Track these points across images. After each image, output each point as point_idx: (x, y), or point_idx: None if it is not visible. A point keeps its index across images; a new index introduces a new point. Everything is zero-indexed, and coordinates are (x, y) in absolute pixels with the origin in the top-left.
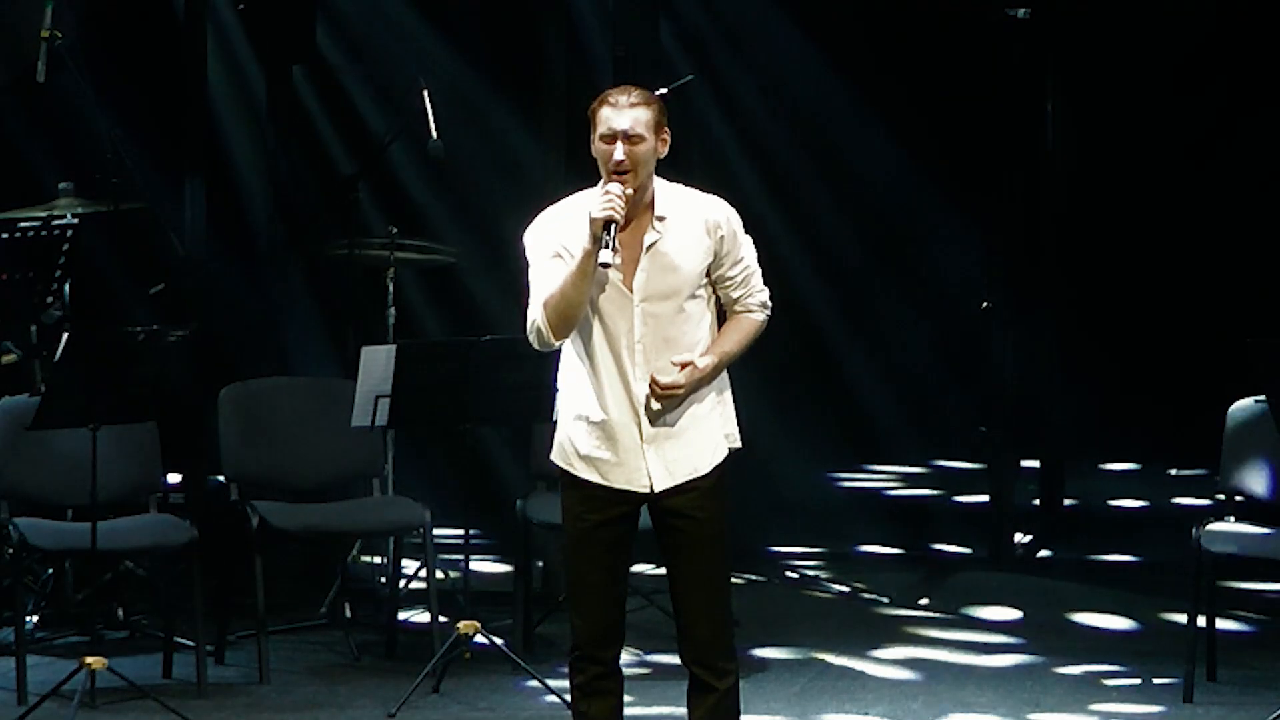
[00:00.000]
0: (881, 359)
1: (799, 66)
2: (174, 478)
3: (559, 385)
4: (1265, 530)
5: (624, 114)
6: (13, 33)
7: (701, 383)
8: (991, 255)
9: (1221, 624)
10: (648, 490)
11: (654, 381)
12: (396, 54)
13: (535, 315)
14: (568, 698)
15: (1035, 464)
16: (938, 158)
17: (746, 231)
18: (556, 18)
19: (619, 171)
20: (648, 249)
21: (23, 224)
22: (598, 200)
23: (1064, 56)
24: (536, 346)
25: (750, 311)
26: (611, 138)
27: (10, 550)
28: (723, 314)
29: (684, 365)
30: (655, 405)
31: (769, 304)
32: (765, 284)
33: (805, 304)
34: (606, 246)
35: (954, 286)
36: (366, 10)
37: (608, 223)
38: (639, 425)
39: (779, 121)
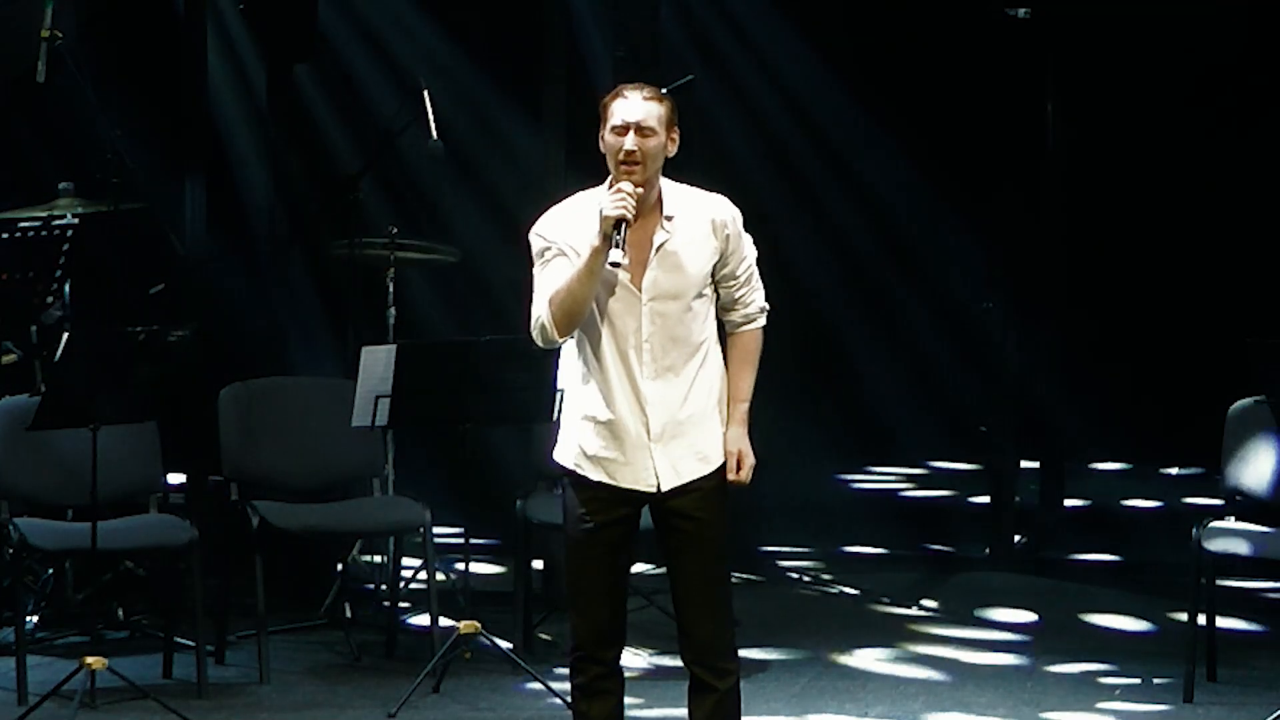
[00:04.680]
0: (881, 359)
1: (798, 66)
2: (174, 478)
3: (564, 385)
4: (1265, 530)
5: (637, 106)
6: (13, 33)
7: (708, 384)
8: (992, 255)
9: (1221, 624)
10: (654, 490)
11: (739, 470)
12: (397, 54)
13: (540, 312)
14: (568, 697)
15: (1035, 464)
16: (938, 158)
17: (750, 231)
18: (556, 18)
19: (629, 163)
20: (657, 249)
21: (23, 224)
22: (609, 198)
23: (1064, 56)
24: (540, 343)
25: (750, 321)
26: (623, 129)
27: (10, 550)
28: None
29: (738, 454)
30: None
31: (767, 306)
32: (767, 284)
33: (805, 305)
34: (617, 246)
35: (954, 287)
36: (367, 9)
37: (619, 221)
38: (646, 425)
39: (777, 122)
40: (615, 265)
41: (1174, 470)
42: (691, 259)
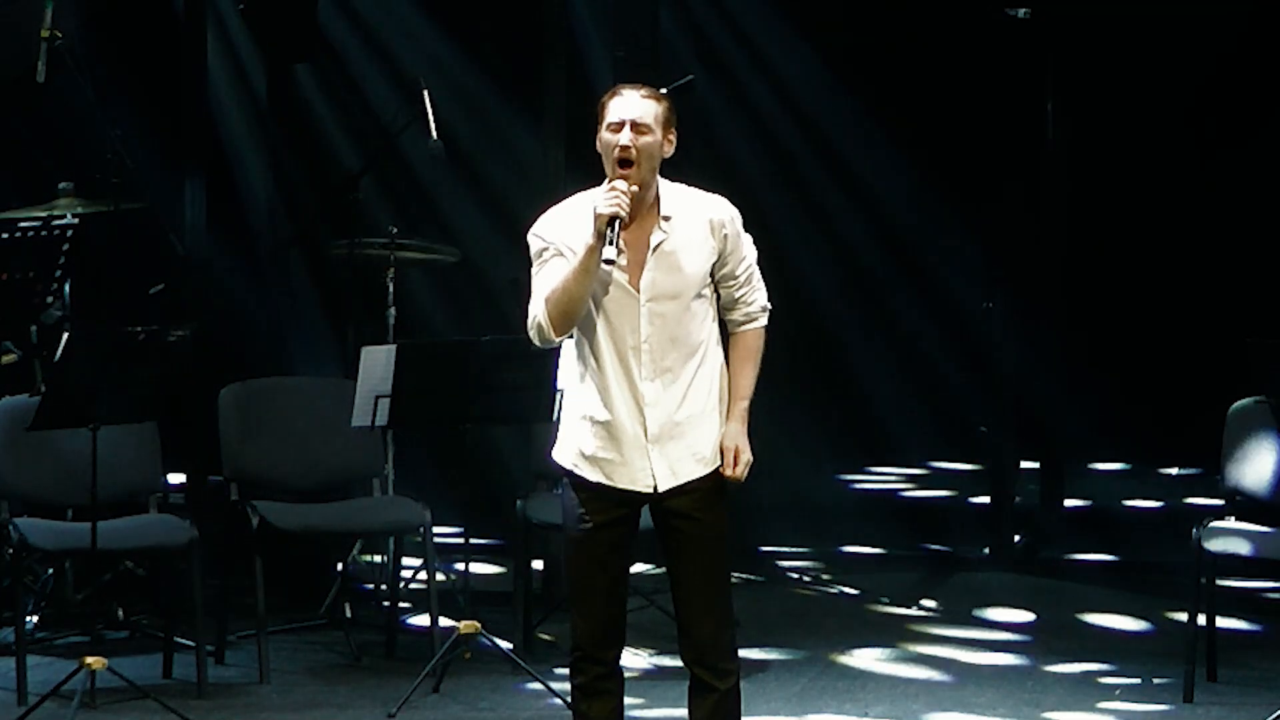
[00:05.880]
0: (881, 359)
1: (798, 66)
2: (174, 478)
3: (563, 385)
4: (1265, 530)
5: (633, 104)
6: (13, 33)
7: (707, 385)
8: (992, 255)
9: (1221, 624)
10: (651, 490)
11: (735, 466)
12: (397, 54)
13: (537, 311)
14: (568, 697)
15: (1035, 464)
16: (938, 158)
17: (750, 232)
18: (556, 18)
19: (623, 161)
20: (654, 249)
21: (23, 224)
22: (603, 196)
23: (1064, 56)
24: (537, 343)
25: (752, 320)
26: (618, 125)
27: (10, 550)
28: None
29: (734, 450)
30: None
31: (768, 306)
32: (766, 284)
33: (806, 305)
34: (611, 243)
35: (955, 287)
36: (367, 9)
37: (612, 219)
38: (644, 426)
39: (778, 122)
40: (609, 263)
41: (1174, 470)
42: (689, 259)
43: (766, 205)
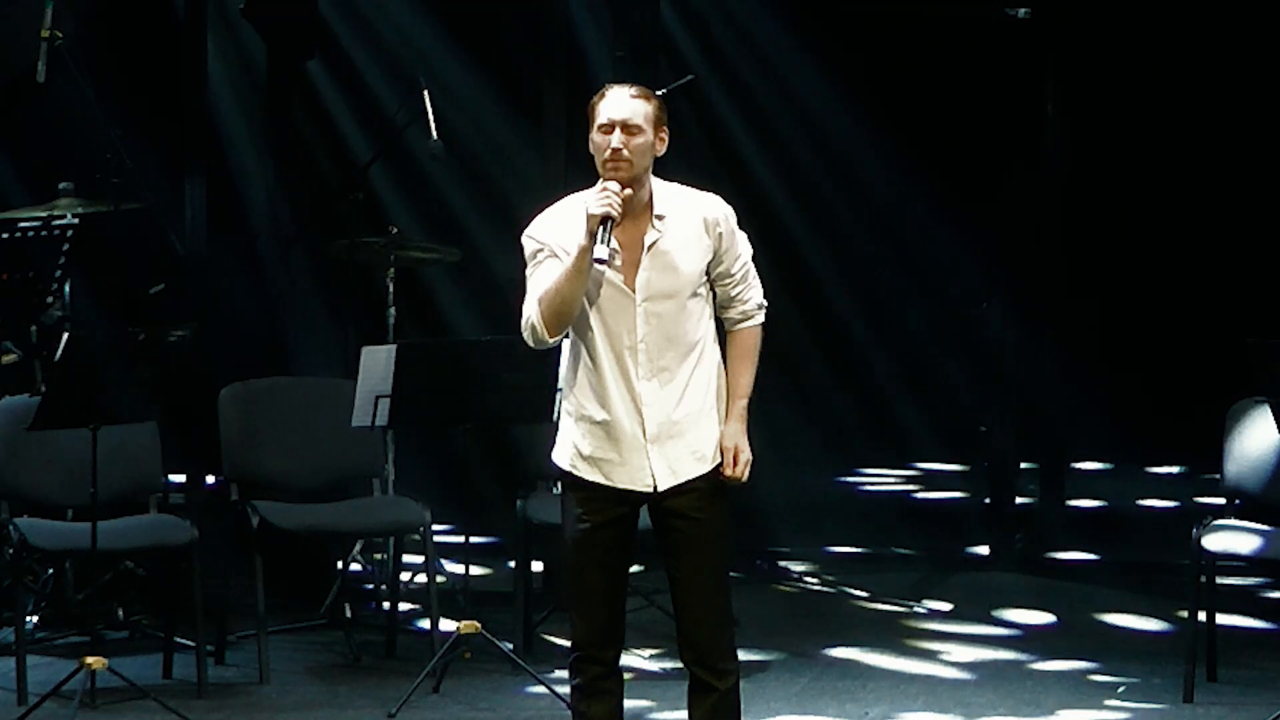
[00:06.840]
0: (881, 359)
1: (798, 66)
2: (175, 478)
3: (562, 385)
4: (1265, 530)
5: (623, 104)
6: (13, 33)
7: (705, 383)
8: (991, 255)
9: (1221, 624)
10: (651, 490)
11: (735, 465)
12: (397, 54)
13: (530, 312)
14: (567, 696)
15: (1035, 464)
16: (937, 158)
17: (748, 231)
18: (556, 18)
19: (615, 160)
20: (649, 248)
21: (23, 224)
22: (595, 197)
23: (1064, 56)
24: (531, 344)
25: (748, 318)
26: (609, 127)
27: (10, 550)
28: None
29: (734, 449)
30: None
31: (765, 303)
32: (766, 284)
33: (805, 304)
34: (603, 243)
35: (954, 287)
36: (367, 10)
37: (604, 219)
38: (642, 425)
39: (777, 122)
40: (601, 263)
41: (1173, 470)
42: (684, 258)
43: (766, 204)
